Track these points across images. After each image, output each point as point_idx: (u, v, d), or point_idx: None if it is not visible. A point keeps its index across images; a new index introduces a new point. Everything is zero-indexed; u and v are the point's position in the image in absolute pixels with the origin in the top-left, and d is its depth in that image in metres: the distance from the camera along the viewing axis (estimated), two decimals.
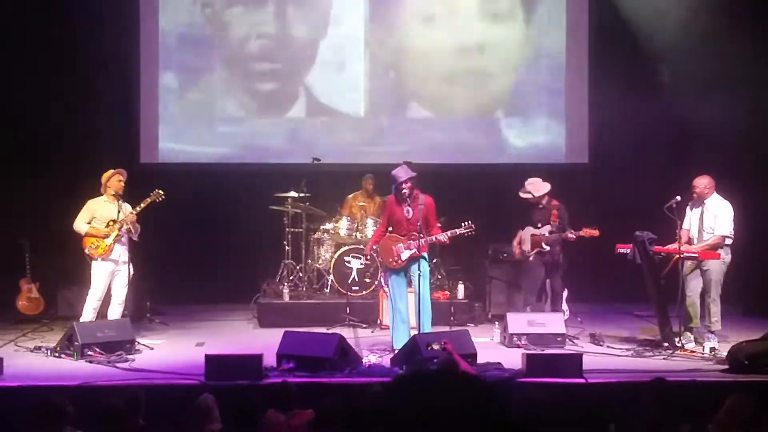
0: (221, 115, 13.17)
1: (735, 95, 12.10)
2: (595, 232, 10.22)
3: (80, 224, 9.99)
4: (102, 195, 10.10)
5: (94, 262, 9.97)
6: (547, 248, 10.48)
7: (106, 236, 9.91)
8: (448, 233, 9.52)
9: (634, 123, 12.56)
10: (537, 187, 10.64)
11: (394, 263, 9.55)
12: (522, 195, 10.66)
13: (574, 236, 10.31)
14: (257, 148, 13.16)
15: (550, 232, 10.47)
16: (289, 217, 11.76)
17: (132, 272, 10.14)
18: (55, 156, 12.41)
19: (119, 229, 9.94)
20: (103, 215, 10.00)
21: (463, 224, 9.50)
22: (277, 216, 11.84)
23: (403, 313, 9.50)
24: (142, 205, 10.04)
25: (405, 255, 9.47)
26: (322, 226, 11.96)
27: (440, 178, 11.72)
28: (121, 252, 10.03)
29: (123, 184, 10.05)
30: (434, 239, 9.53)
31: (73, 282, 11.20)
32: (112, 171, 10.10)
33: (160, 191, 10.11)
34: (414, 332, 9.24)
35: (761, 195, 11.82)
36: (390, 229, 9.72)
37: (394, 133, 13.24)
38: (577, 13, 13.19)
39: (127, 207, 10.07)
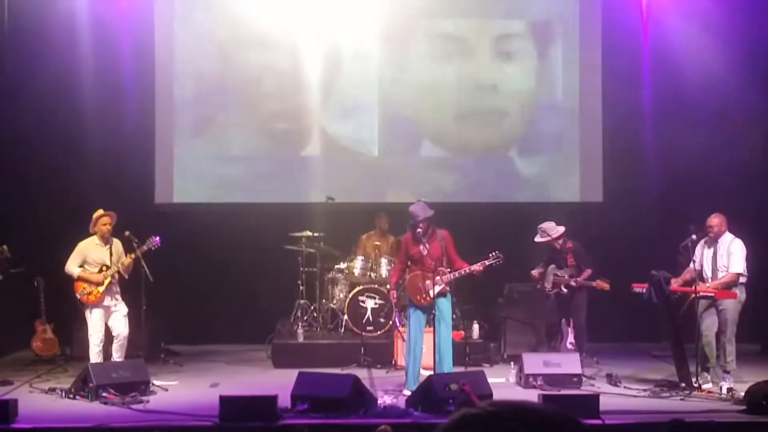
0: (236, 155, 13.18)
1: (746, 130, 12.11)
2: (606, 286, 10.20)
3: (72, 267, 9.91)
4: (92, 235, 10.00)
5: (86, 309, 9.94)
6: (566, 291, 10.44)
7: (99, 284, 9.84)
8: (478, 264, 9.47)
9: (648, 162, 12.56)
10: (552, 230, 10.57)
11: (423, 300, 9.47)
12: (538, 240, 10.61)
13: (576, 284, 10.31)
14: (271, 187, 13.16)
15: (570, 276, 10.43)
16: (304, 257, 11.76)
17: (126, 309, 10.03)
18: (71, 195, 12.44)
19: (112, 276, 9.87)
20: (95, 259, 9.93)
21: (490, 255, 9.47)
22: (291, 255, 11.84)
23: (419, 354, 9.47)
24: (139, 252, 9.92)
25: (434, 291, 9.41)
26: (336, 266, 11.94)
27: (454, 217, 11.66)
28: (112, 296, 9.96)
29: (108, 228, 9.92)
30: (467, 271, 9.46)
31: (87, 321, 11.16)
32: (101, 212, 9.98)
33: (157, 238, 9.99)
34: (430, 372, 9.21)
35: None
36: (409, 264, 9.69)
37: (408, 172, 13.21)
38: (590, 52, 13.17)
39: (118, 246, 9.99)
